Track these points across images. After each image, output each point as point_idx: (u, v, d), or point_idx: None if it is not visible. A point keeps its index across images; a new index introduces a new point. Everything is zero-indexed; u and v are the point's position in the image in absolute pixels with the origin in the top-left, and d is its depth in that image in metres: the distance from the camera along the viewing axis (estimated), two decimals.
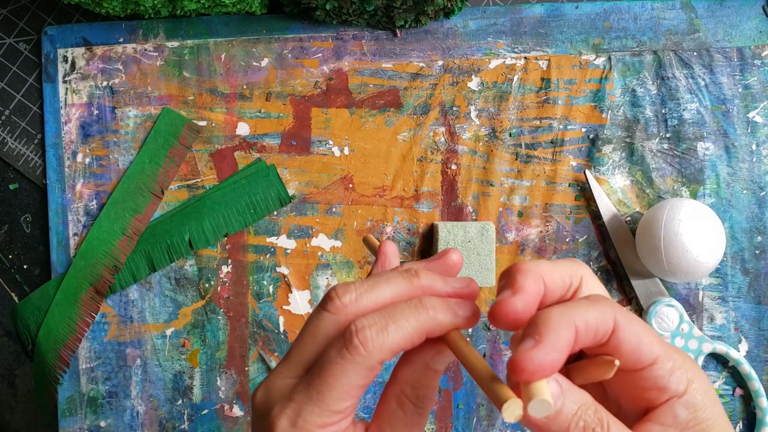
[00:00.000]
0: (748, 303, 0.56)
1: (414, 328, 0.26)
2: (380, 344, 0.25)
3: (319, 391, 0.26)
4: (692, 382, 0.26)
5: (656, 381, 0.26)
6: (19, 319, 0.57)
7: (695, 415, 0.25)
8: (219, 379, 0.57)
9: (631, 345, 0.25)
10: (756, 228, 0.56)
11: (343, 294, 0.27)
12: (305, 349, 0.28)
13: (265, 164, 0.57)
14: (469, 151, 0.57)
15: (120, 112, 0.58)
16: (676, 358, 0.26)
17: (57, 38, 0.58)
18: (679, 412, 0.25)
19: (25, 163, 0.59)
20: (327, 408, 0.26)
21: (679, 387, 0.26)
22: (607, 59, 0.57)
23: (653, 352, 0.25)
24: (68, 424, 0.57)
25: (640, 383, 0.26)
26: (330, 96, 0.57)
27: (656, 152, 0.57)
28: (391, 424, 0.28)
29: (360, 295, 0.27)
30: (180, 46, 0.58)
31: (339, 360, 0.26)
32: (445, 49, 0.57)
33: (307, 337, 0.28)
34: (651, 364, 0.26)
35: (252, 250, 0.57)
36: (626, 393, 0.27)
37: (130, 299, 0.58)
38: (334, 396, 0.26)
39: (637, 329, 0.26)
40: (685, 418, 0.25)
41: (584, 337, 0.25)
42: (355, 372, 0.26)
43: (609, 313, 0.25)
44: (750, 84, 0.56)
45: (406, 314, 0.26)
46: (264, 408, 0.27)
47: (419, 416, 0.28)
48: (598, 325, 0.25)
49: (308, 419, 0.26)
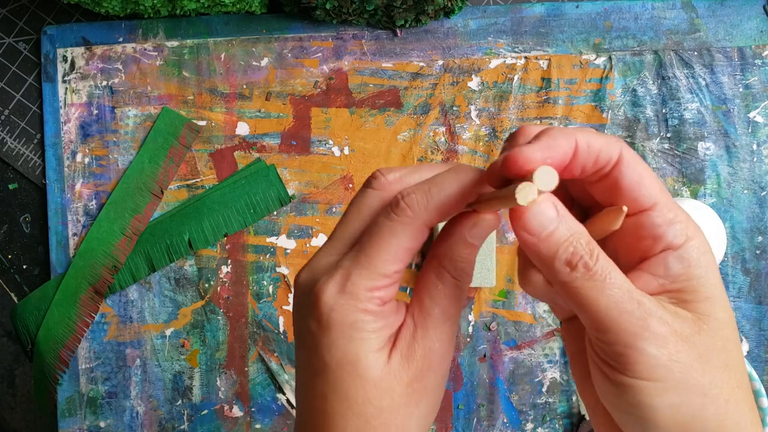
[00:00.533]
0: (749, 303, 0.56)
1: (453, 189, 0.26)
2: (425, 204, 0.26)
3: (368, 254, 0.26)
4: (691, 240, 0.25)
5: (653, 229, 0.25)
6: (18, 319, 0.57)
7: (688, 270, 0.25)
8: (219, 379, 0.57)
9: (632, 181, 0.25)
10: (757, 228, 0.56)
11: (388, 172, 0.28)
12: (350, 226, 0.28)
13: (264, 164, 0.57)
14: (470, 151, 0.57)
15: (119, 111, 0.58)
16: (678, 213, 0.25)
17: (56, 38, 0.58)
18: (671, 263, 0.25)
19: (24, 163, 0.59)
20: (376, 270, 0.26)
21: (675, 239, 0.25)
22: (608, 59, 0.57)
23: (653, 196, 0.25)
24: (68, 425, 0.57)
25: (638, 231, 0.26)
26: (330, 96, 0.57)
27: (657, 152, 0.56)
28: (432, 297, 0.28)
29: (404, 175, 0.28)
30: (180, 45, 0.58)
31: (387, 222, 0.26)
32: (445, 49, 0.57)
33: (352, 213, 0.28)
34: (649, 209, 0.25)
35: (252, 250, 0.57)
36: (624, 242, 0.27)
37: (129, 299, 0.57)
38: (383, 257, 0.26)
39: (641, 169, 0.25)
40: (676, 270, 0.25)
41: (584, 157, 0.25)
42: (404, 233, 0.26)
43: (615, 145, 0.25)
44: (751, 84, 0.56)
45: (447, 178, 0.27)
46: (309, 284, 0.28)
47: (458, 289, 0.28)
48: (600, 149, 0.25)
49: (357, 282, 0.26)
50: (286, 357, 0.57)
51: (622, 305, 0.23)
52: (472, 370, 0.57)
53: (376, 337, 0.27)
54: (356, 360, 0.26)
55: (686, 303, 0.25)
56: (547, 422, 0.57)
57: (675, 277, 0.25)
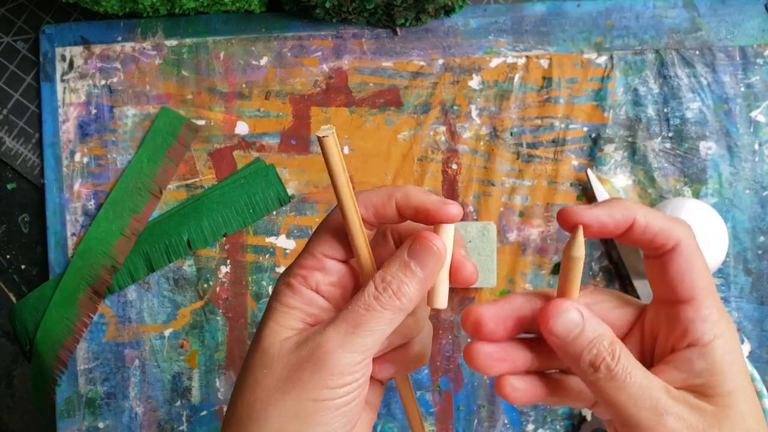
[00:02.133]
0: (751, 303, 0.56)
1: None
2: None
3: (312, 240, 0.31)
4: (718, 338, 0.27)
5: (685, 322, 0.27)
6: (17, 320, 0.57)
7: (711, 367, 0.26)
8: (218, 380, 0.57)
9: (679, 272, 0.27)
10: (759, 228, 0.56)
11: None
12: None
13: (264, 164, 0.57)
14: (470, 151, 0.57)
15: (118, 111, 0.57)
16: (714, 312, 0.27)
17: (55, 37, 0.58)
18: (695, 360, 0.27)
19: (22, 163, 0.58)
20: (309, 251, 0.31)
21: (703, 336, 0.27)
22: (609, 58, 0.56)
23: (693, 291, 0.27)
24: (66, 425, 0.57)
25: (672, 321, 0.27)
26: (330, 95, 0.57)
27: (658, 152, 0.56)
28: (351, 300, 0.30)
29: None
30: (179, 44, 0.57)
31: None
32: (445, 48, 0.57)
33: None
34: (686, 302, 0.27)
35: (251, 250, 0.57)
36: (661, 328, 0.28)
37: (128, 300, 0.57)
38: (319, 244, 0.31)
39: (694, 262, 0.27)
40: (699, 367, 0.26)
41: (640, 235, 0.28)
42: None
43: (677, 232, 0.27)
44: (752, 83, 0.56)
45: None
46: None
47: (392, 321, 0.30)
48: (657, 233, 0.27)
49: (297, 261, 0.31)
50: None
51: (641, 402, 0.25)
52: (472, 371, 0.56)
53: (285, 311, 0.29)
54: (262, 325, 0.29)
55: (709, 397, 0.26)
56: (548, 423, 0.56)
57: (698, 373, 0.26)
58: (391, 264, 0.28)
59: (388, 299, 0.27)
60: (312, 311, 0.29)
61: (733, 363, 0.26)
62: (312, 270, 0.30)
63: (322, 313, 0.30)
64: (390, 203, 0.29)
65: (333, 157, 0.28)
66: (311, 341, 0.28)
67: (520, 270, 0.56)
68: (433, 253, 0.28)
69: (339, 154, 0.28)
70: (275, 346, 0.28)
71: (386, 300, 0.27)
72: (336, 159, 0.28)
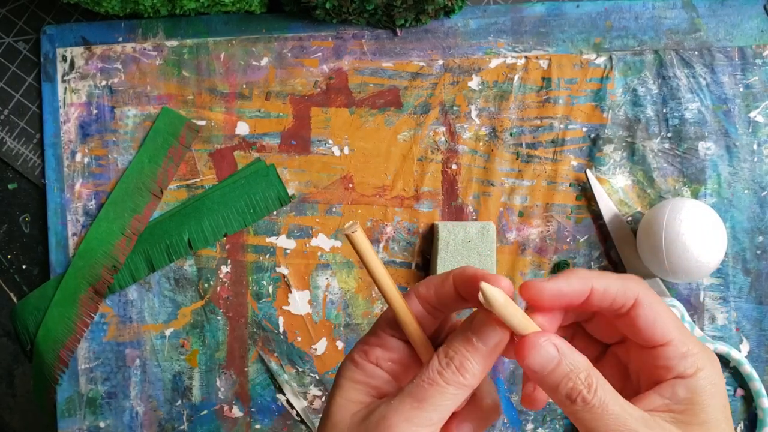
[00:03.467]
0: (750, 303, 0.56)
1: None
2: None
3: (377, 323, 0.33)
4: (701, 370, 0.28)
5: (667, 361, 0.28)
6: (18, 320, 0.57)
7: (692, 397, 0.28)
8: (218, 379, 0.57)
9: (647, 322, 0.28)
10: (757, 228, 0.56)
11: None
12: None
13: (264, 164, 0.57)
14: (470, 151, 0.57)
15: (119, 111, 0.58)
16: (692, 347, 0.28)
17: (56, 37, 0.58)
18: (678, 390, 0.28)
19: (23, 163, 0.59)
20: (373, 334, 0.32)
21: (686, 371, 0.28)
22: (608, 58, 0.57)
23: (666, 335, 0.28)
24: (67, 425, 0.57)
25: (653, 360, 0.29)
26: (330, 95, 0.57)
27: (657, 152, 0.56)
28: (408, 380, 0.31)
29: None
30: (179, 45, 0.58)
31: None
32: (445, 48, 0.57)
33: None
34: (664, 345, 0.28)
35: (251, 250, 0.57)
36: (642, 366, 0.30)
37: (129, 299, 0.57)
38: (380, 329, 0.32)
39: (657, 311, 0.28)
40: (681, 395, 0.28)
41: (600, 300, 0.29)
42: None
43: (632, 289, 0.28)
44: (751, 83, 0.56)
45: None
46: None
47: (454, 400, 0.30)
48: (617, 295, 0.28)
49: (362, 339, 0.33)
50: (285, 357, 0.57)
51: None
52: None
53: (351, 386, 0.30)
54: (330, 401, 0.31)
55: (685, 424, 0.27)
56: (548, 422, 0.57)
57: (679, 400, 0.28)
58: (453, 339, 0.29)
59: (451, 375, 0.28)
60: (375, 383, 0.31)
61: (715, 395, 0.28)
62: (373, 346, 0.31)
63: (386, 386, 0.31)
64: (448, 280, 0.30)
65: (367, 252, 0.29)
66: (377, 413, 0.28)
67: (520, 270, 0.57)
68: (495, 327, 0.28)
69: (370, 247, 0.29)
70: (345, 421, 0.29)
71: (449, 375, 0.28)
72: (370, 253, 0.29)
